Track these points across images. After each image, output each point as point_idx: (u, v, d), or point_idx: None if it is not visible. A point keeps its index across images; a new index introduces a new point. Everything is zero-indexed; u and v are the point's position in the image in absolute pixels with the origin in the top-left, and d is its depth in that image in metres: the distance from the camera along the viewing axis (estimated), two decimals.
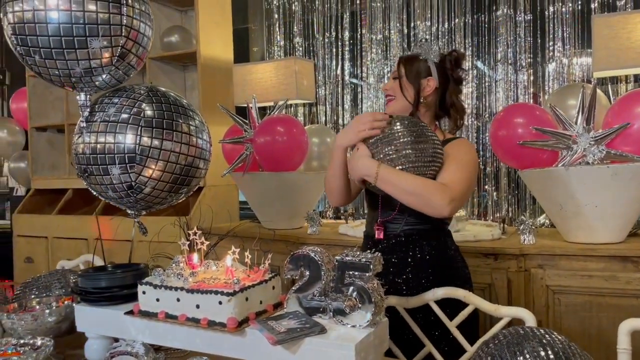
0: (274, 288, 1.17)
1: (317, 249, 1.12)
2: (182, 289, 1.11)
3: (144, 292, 1.16)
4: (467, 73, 2.78)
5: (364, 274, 1.05)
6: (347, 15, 3.23)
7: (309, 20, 3.36)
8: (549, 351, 0.87)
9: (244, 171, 2.68)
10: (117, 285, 1.25)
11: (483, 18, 2.81)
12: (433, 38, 2.93)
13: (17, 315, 1.36)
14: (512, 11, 2.74)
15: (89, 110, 1.42)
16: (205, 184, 3.14)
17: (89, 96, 1.42)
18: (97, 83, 1.40)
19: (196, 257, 1.24)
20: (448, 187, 1.42)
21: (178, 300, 1.11)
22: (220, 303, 1.05)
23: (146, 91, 1.44)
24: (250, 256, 1.16)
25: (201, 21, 3.22)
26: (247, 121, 2.71)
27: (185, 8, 3.63)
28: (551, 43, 2.66)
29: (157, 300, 1.14)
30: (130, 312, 1.18)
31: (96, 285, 1.26)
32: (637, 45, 2.16)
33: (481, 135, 2.84)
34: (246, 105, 2.75)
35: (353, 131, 1.49)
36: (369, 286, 1.04)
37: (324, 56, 3.31)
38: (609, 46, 2.20)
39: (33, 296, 1.56)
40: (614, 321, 1.83)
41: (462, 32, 2.86)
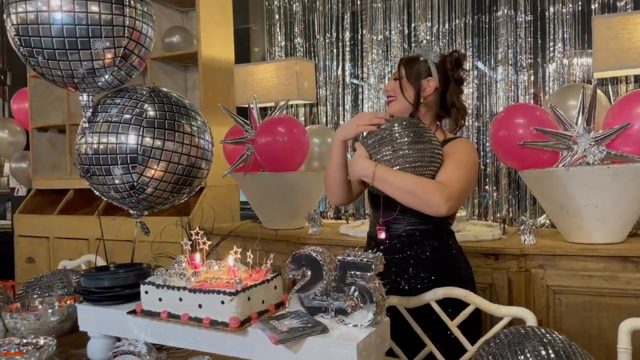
0: (275, 288, 1.18)
1: (319, 249, 1.12)
2: (184, 288, 1.11)
3: (146, 292, 1.17)
4: (468, 73, 2.78)
5: (365, 273, 1.06)
6: (348, 15, 3.24)
7: (310, 21, 3.37)
8: (550, 350, 0.87)
9: (245, 171, 2.68)
10: (120, 285, 1.26)
11: (484, 19, 2.82)
12: (434, 39, 2.93)
13: (20, 314, 1.37)
14: (512, 12, 2.74)
15: (91, 110, 1.42)
16: (206, 184, 3.15)
17: (91, 97, 1.42)
18: (100, 84, 1.40)
19: (198, 257, 1.25)
20: (445, 186, 1.43)
21: (180, 299, 1.12)
22: (222, 303, 1.06)
23: (148, 92, 1.44)
24: (253, 256, 1.17)
25: (202, 22, 3.23)
26: (248, 121, 2.72)
27: (186, 9, 3.64)
28: (551, 44, 2.66)
29: (160, 299, 1.15)
30: (133, 312, 1.19)
31: (99, 285, 1.26)
32: (637, 45, 2.16)
33: (481, 135, 2.84)
34: (247, 105, 2.76)
35: (352, 125, 1.54)
36: (370, 286, 1.05)
37: (325, 57, 3.31)
38: (609, 47, 2.21)
39: (36, 296, 1.56)
40: (614, 321, 1.83)
41: (463, 32, 2.87)
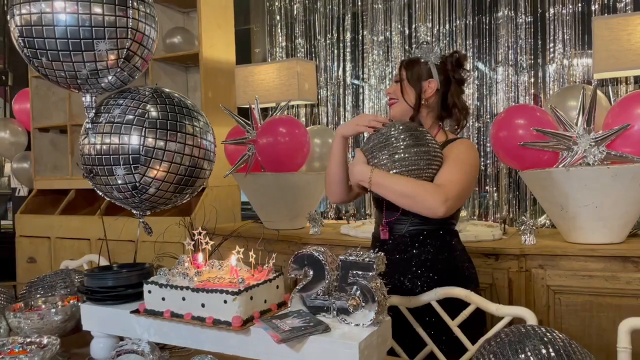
0: (277, 287, 1.19)
1: (321, 248, 1.13)
2: (187, 288, 1.12)
3: (149, 291, 1.18)
4: (469, 74, 2.79)
5: (367, 273, 1.07)
6: (349, 16, 3.25)
7: (311, 22, 3.38)
8: (550, 349, 0.88)
9: (246, 172, 2.69)
10: (123, 285, 1.27)
11: (484, 20, 2.83)
12: (434, 39, 2.94)
13: (24, 314, 1.38)
14: (512, 13, 2.75)
15: (94, 111, 1.43)
16: (208, 184, 3.16)
17: (94, 98, 1.43)
18: (103, 85, 1.41)
19: (201, 256, 1.25)
20: (442, 188, 1.44)
21: (183, 299, 1.13)
22: (225, 302, 1.07)
23: (151, 92, 1.45)
24: (255, 256, 1.18)
25: (203, 22, 3.24)
26: (250, 122, 2.72)
27: (187, 9, 3.65)
28: (552, 44, 2.67)
29: (163, 299, 1.16)
30: (136, 311, 1.20)
31: (102, 285, 1.27)
32: (637, 47, 2.17)
33: (482, 136, 2.85)
34: (248, 106, 2.77)
35: (352, 123, 1.60)
36: (372, 285, 1.05)
37: (326, 57, 3.32)
38: (609, 48, 2.22)
39: (39, 295, 1.57)
40: (614, 321, 1.84)
41: (463, 33, 2.87)
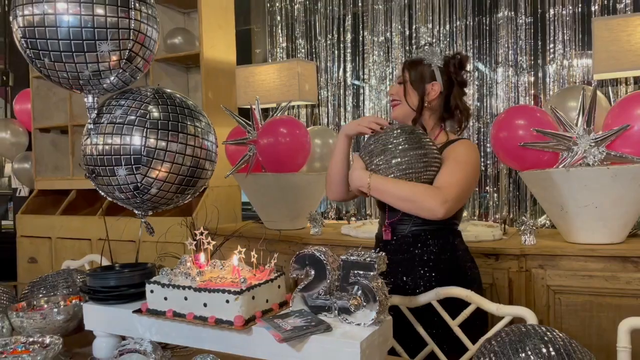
0: (279, 287, 1.20)
1: (323, 248, 1.14)
2: (189, 287, 1.13)
3: (152, 291, 1.19)
4: (470, 75, 2.80)
5: (368, 273, 1.08)
6: (349, 17, 3.26)
7: (311, 23, 3.38)
8: (551, 348, 0.89)
9: (247, 172, 2.70)
10: (126, 285, 1.28)
11: (484, 20, 2.84)
12: (434, 40, 2.95)
13: (26, 314, 1.38)
14: (513, 14, 2.76)
15: (96, 112, 1.44)
16: (208, 184, 3.16)
17: (96, 98, 1.44)
18: (105, 85, 1.42)
19: (203, 256, 1.26)
20: (440, 190, 1.45)
21: (186, 298, 1.13)
22: (227, 301, 1.07)
23: (152, 93, 1.46)
24: (257, 256, 1.19)
25: (204, 23, 3.24)
26: (250, 122, 2.73)
27: (188, 10, 3.66)
28: (552, 45, 2.68)
29: (165, 298, 1.16)
30: (139, 311, 1.20)
31: (105, 285, 1.28)
32: (637, 47, 2.18)
33: (482, 136, 2.86)
34: (249, 106, 2.77)
35: (354, 123, 1.62)
36: (373, 285, 1.06)
37: (326, 58, 3.33)
38: (609, 49, 2.22)
39: (41, 295, 1.57)
40: (614, 321, 1.85)
41: (464, 34, 2.88)
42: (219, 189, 3.25)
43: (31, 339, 1.29)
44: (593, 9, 2.57)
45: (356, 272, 1.09)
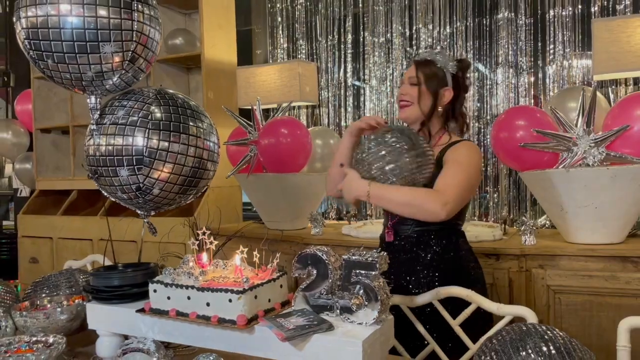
0: (281, 286, 1.20)
1: (325, 248, 1.15)
2: (192, 287, 1.14)
3: (155, 291, 1.19)
4: (470, 76, 2.81)
5: (370, 272, 1.08)
6: (350, 18, 3.26)
7: (312, 23, 3.39)
8: (551, 346, 0.90)
9: (248, 173, 2.71)
10: (129, 284, 1.28)
11: (484, 21, 2.84)
12: (434, 41, 2.96)
13: (30, 313, 1.39)
14: (513, 15, 2.76)
15: (99, 113, 1.45)
16: (209, 185, 3.17)
17: (99, 99, 1.45)
18: (108, 86, 1.42)
19: (205, 256, 1.27)
20: (440, 193, 1.45)
21: (189, 298, 1.14)
22: (230, 301, 1.08)
23: (155, 94, 1.46)
24: (259, 255, 1.19)
25: (205, 24, 3.25)
26: (251, 123, 2.74)
27: (189, 11, 3.67)
28: (552, 46, 2.68)
29: (168, 298, 1.17)
30: (142, 310, 1.21)
31: (108, 284, 1.29)
32: (636, 48, 2.19)
33: (482, 137, 2.86)
34: (250, 107, 2.78)
35: (357, 121, 1.62)
36: (375, 284, 1.07)
37: (327, 59, 3.34)
38: (608, 50, 2.23)
39: (44, 295, 1.58)
40: (613, 320, 1.85)
41: (464, 35, 2.89)
42: (220, 189, 3.26)
43: (35, 338, 1.29)
44: (593, 10, 2.58)
45: (358, 271, 1.09)
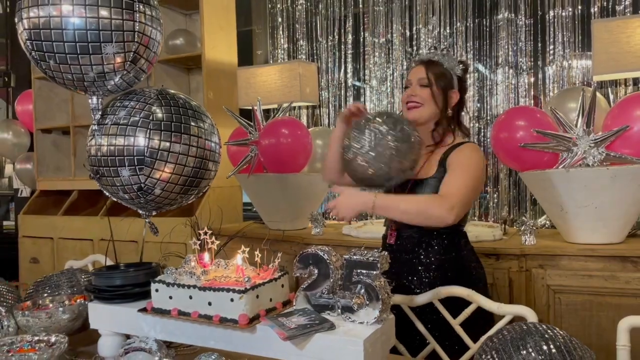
0: (283, 286, 1.21)
1: (326, 248, 1.15)
2: (194, 286, 1.14)
3: (157, 290, 1.20)
4: (470, 76, 2.81)
5: (371, 272, 1.09)
6: (350, 18, 3.27)
7: (313, 24, 3.40)
8: (551, 345, 0.90)
9: (249, 173, 2.71)
10: (131, 284, 1.29)
11: (484, 22, 2.85)
12: (435, 41, 2.96)
13: (32, 313, 1.40)
14: (513, 15, 2.77)
15: (100, 113, 1.45)
16: (210, 185, 3.17)
17: (100, 100, 1.45)
18: (109, 87, 1.43)
19: (207, 256, 1.27)
20: (445, 197, 1.46)
21: (190, 297, 1.14)
22: (232, 300, 1.09)
23: (156, 94, 1.47)
24: (260, 255, 1.20)
25: (206, 24, 3.26)
26: (252, 123, 2.75)
27: (190, 11, 3.67)
28: (552, 47, 2.69)
29: (170, 297, 1.18)
30: (144, 310, 1.22)
31: (110, 284, 1.29)
32: (636, 49, 2.19)
33: (482, 137, 2.87)
34: (250, 107, 2.78)
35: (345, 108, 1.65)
36: (376, 284, 1.07)
37: (327, 59, 3.34)
38: (608, 50, 2.24)
39: (46, 295, 1.59)
40: (613, 320, 1.86)
41: (464, 35, 2.89)
42: (221, 189, 3.26)
43: (37, 338, 1.30)
44: (592, 10, 2.58)
45: (359, 271, 1.10)
